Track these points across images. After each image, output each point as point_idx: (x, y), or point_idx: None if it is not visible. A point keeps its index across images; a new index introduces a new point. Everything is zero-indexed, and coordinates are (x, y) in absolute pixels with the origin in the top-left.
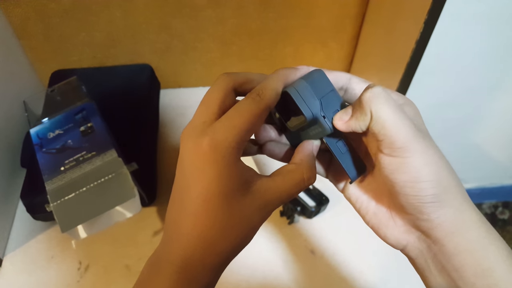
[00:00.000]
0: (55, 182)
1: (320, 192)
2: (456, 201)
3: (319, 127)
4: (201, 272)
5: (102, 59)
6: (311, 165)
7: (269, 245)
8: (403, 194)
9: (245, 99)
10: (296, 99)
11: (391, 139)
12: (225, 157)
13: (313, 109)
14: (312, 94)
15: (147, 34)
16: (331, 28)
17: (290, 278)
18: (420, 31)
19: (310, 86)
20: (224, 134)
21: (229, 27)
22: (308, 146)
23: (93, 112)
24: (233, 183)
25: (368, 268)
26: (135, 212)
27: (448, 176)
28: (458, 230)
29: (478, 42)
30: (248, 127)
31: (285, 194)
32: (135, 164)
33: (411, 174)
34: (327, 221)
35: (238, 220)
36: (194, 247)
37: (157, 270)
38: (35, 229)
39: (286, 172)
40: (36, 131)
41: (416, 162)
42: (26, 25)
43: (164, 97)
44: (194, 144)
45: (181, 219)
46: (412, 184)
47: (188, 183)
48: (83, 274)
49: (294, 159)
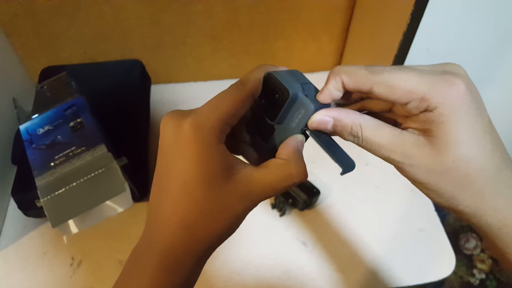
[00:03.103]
0: (45, 178)
1: (312, 184)
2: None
3: (302, 108)
4: (184, 260)
5: (92, 55)
6: (298, 160)
7: (261, 238)
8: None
9: (229, 87)
10: (278, 77)
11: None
12: (206, 137)
13: (295, 86)
14: (293, 78)
15: (137, 30)
16: (321, 21)
17: (282, 270)
18: (407, 22)
19: (290, 73)
20: (206, 115)
21: (219, 22)
22: (293, 142)
23: (82, 107)
24: (214, 166)
25: (360, 259)
26: (127, 206)
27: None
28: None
29: (467, 34)
30: (231, 111)
31: (268, 187)
32: (125, 159)
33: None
34: (318, 213)
35: (219, 206)
36: (175, 233)
37: (139, 260)
38: (27, 225)
39: (273, 165)
40: (25, 128)
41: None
42: (15, 22)
43: (155, 93)
44: (175, 125)
45: (161, 205)
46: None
47: (168, 166)
48: (76, 270)
49: (280, 154)
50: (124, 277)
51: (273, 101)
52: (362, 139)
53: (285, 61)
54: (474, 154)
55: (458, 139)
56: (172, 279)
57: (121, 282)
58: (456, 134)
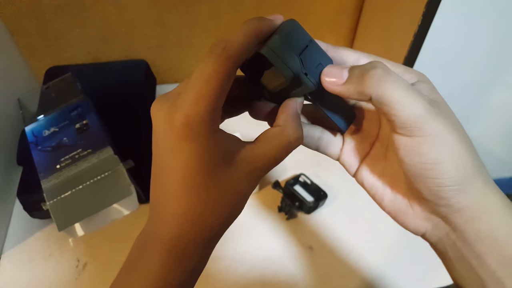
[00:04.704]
0: (51, 180)
1: (319, 188)
2: (479, 184)
3: (301, 84)
4: (192, 249)
5: (96, 55)
6: (296, 125)
7: (267, 241)
8: (421, 178)
9: (210, 57)
10: (272, 60)
11: (403, 119)
12: (200, 132)
13: (293, 67)
14: (289, 51)
15: (141, 30)
16: (328, 22)
17: (288, 274)
18: (418, 24)
19: (286, 42)
20: (195, 108)
21: (225, 22)
22: (291, 105)
23: (88, 109)
24: (213, 156)
25: (367, 264)
26: (133, 209)
27: (471, 157)
28: (480, 216)
29: (478, 36)
30: (218, 94)
31: (272, 160)
32: (131, 162)
33: (430, 155)
34: (325, 217)
35: (225, 192)
36: (182, 225)
37: (146, 249)
38: (32, 226)
39: (271, 137)
40: (31, 129)
41: (435, 141)
42: (20, 22)
43: (160, 93)
44: (165, 120)
45: (164, 199)
46: (431, 166)
47: (166, 161)
48: (81, 272)
49: (278, 120)
50: (129, 266)
51: (263, 71)
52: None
53: None
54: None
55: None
56: (181, 267)
57: (127, 271)
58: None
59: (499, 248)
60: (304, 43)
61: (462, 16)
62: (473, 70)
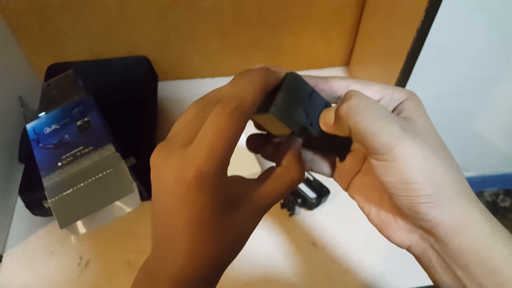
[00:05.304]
0: (52, 178)
1: (321, 184)
2: (454, 199)
3: (306, 132)
4: (201, 285)
5: (98, 52)
6: (299, 164)
7: (270, 238)
8: (396, 195)
9: (222, 113)
10: (281, 119)
11: (373, 148)
12: (213, 186)
13: (300, 121)
14: (296, 106)
15: (143, 26)
16: (331, 16)
17: (291, 271)
18: (421, 19)
19: (292, 98)
20: (209, 165)
21: (227, 18)
22: (294, 146)
23: (90, 106)
24: (224, 204)
25: (370, 261)
26: (135, 206)
27: (443, 174)
28: (459, 230)
29: (481, 31)
30: (231, 149)
31: (276, 198)
32: (133, 159)
33: (399, 176)
34: (328, 213)
35: (234, 234)
36: (193, 266)
37: (155, 284)
38: (34, 224)
39: (276, 176)
40: (32, 126)
41: (403, 164)
42: (21, 19)
43: (162, 90)
44: (176, 174)
45: (175, 241)
46: (402, 186)
47: (176, 209)
48: (83, 270)
49: (282, 161)
50: None
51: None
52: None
53: (294, 57)
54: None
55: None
56: None
57: None
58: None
59: (481, 261)
60: (307, 94)
61: (466, 10)
62: (477, 64)
